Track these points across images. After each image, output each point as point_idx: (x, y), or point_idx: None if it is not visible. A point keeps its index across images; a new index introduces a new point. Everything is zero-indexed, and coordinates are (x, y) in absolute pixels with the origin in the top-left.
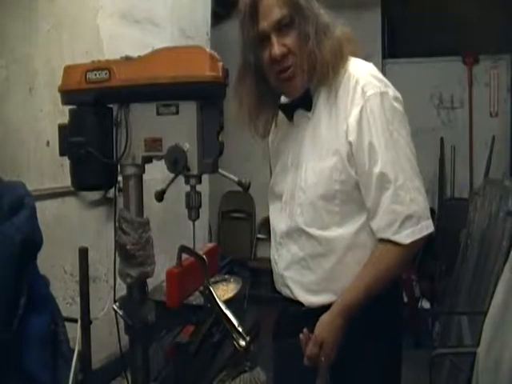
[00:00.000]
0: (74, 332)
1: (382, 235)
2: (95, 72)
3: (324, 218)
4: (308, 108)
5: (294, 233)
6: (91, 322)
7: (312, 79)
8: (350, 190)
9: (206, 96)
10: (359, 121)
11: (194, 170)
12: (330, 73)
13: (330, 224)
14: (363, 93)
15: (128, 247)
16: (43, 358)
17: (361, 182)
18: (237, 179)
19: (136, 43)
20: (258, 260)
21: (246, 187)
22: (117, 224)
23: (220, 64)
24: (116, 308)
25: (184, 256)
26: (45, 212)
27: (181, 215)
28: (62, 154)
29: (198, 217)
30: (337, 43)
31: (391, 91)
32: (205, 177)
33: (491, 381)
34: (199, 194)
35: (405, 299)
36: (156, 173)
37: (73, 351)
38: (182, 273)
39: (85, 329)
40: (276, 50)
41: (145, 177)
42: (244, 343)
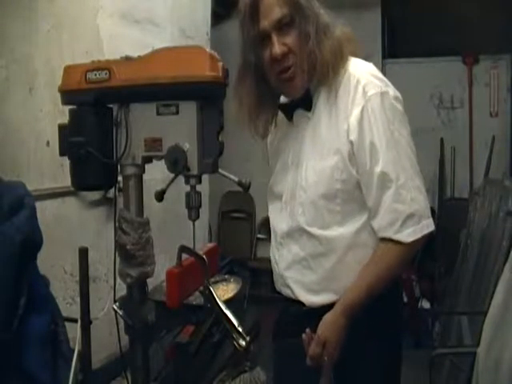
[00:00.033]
0: (74, 332)
1: (384, 234)
2: (95, 72)
3: (325, 218)
4: (308, 108)
5: (295, 232)
6: (91, 322)
7: (312, 79)
8: (351, 190)
9: (206, 96)
10: (360, 120)
11: (194, 170)
12: (330, 73)
13: (331, 223)
14: (364, 92)
15: (128, 247)
16: (43, 358)
17: (362, 182)
18: (237, 179)
19: (136, 43)
20: (258, 260)
21: (246, 187)
22: (117, 224)
23: (220, 64)
24: (116, 308)
25: (184, 256)
26: (45, 212)
27: (181, 215)
28: (62, 154)
29: (198, 217)
30: (337, 43)
31: (392, 91)
32: (205, 177)
33: (491, 381)
34: (199, 194)
35: (405, 299)
36: (156, 173)
37: (73, 351)
38: (182, 273)
39: (85, 329)
40: (276, 49)
41: (145, 177)
42: (244, 343)
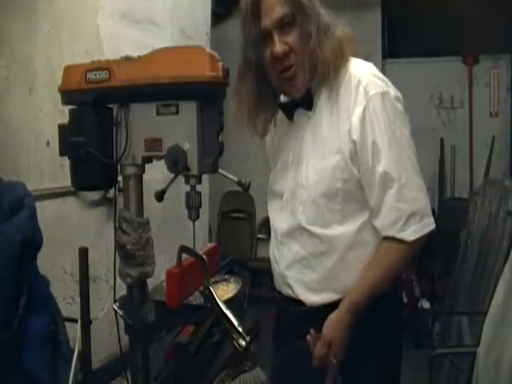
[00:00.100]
0: (74, 332)
1: (387, 233)
2: (95, 72)
3: (326, 216)
4: (308, 107)
5: (296, 231)
6: (91, 322)
7: (313, 78)
8: (352, 189)
9: (206, 96)
10: (362, 120)
11: (194, 170)
12: (331, 73)
13: (332, 222)
14: (366, 92)
15: (128, 247)
16: (43, 358)
17: (363, 181)
18: (237, 179)
19: (136, 43)
20: (258, 260)
21: (246, 187)
22: (117, 224)
23: (220, 64)
24: (116, 308)
25: (184, 256)
26: (45, 212)
27: (181, 215)
28: (62, 154)
29: (198, 217)
30: (338, 43)
31: (393, 91)
32: (205, 177)
33: (491, 381)
34: (199, 194)
35: (405, 299)
36: (156, 173)
37: (73, 351)
38: (182, 273)
39: (85, 329)
40: (278, 48)
41: (145, 177)
42: (244, 343)
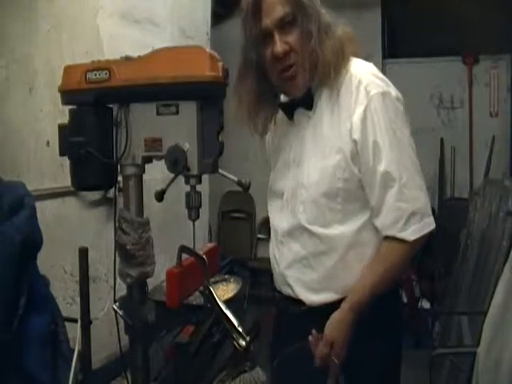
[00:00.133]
0: (74, 332)
1: (388, 232)
2: (95, 72)
3: (326, 216)
4: (309, 107)
5: (296, 231)
6: (91, 322)
7: (313, 78)
8: (353, 188)
9: (206, 96)
10: (363, 120)
11: (194, 170)
12: (332, 73)
13: (332, 222)
14: (367, 92)
15: (128, 247)
16: (43, 358)
17: (364, 180)
18: (237, 179)
19: (136, 43)
20: (258, 260)
21: (246, 187)
22: (117, 224)
23: (220, 64)
24: (116, 308)
25: (184, 256)
26: (45, 212)
27: (181, 215)
28: (62, 154)
29: (198, 217)
30: (338, 43)
31: (393, 91)
32: (205, 177)
33: (491, 381)
34: (199, 194)
35: (405, 299)
36: (156, 173)
37: (73, 351)
38: (182, 273)
39: (85, 329)
40: (278, 48)
41: (145, 177)
42: (244, 343)
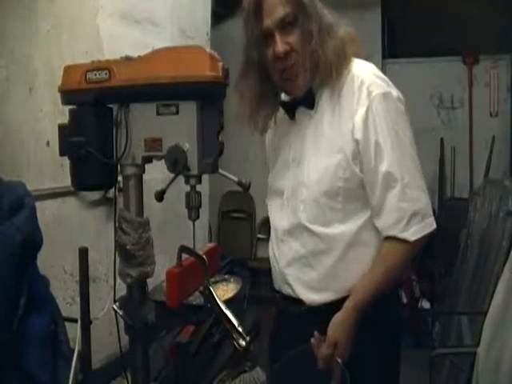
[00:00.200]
0: (74, 332)
1: (389, 233)
2: (95, 72)
3: (327, 215)
4: (310, 106)
5: (296, 230)
6: (91, 322)
7: (315, 78)
8: (354, 188)
9: (206, 96)
10: (365, 120)
11: (194, 170)
12: (333, 73)
13: (333, 221)
14: (369, 93)
15: (128, 247)
16: (43, 358)
17: (366, 180)
18: (237, 179)
19: (136, 43)
20: (258, 260)
21: (246, 187)
22: (117, 224)
23: (220, 64)
24: (116, 308)
25: (184, 256)
26: (45, 212)
27: (181, 215)
28: (62, 154)
29: (198, 217)
30: (340, 43)
31: (394, 91)
32: (205, 177)
33: (491, 381)
34: (199, 194)
35: (405, 299)
36: (156, 173)
37: (73, 351)
38: (182, 273)
39: (85, 329)
40: (279, 48)
41: (145, 177)
42: (244, 343)
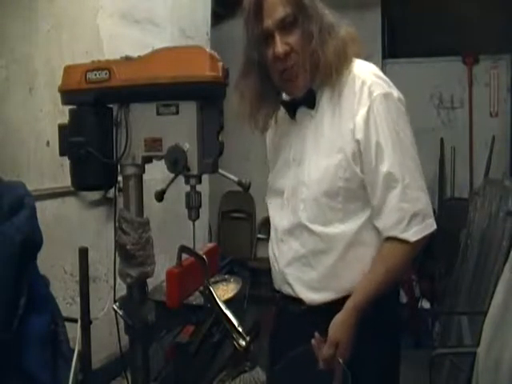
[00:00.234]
0: (74, 332)
1: (390, 233)
2: (95, 72)
3: (327, 215)
4: (311, 106)
5: (296, 229)
6: (91, 322)
7: (315, 79)
8: (354, 188)
9: (206, 96)
10: (367, 120)
11: (194, 170)
12: (334, 74)
13: (333, 220)
14: (370, 93)
15: (128, 247)
16: (43, 358)
17: (366, 180)
18: (237, 179)
19: (136, 43)
20: (258, 260)
21: (246, 187)
22: (117, 224)
23: (220, 64)
24: (116, 308)
25: (184, 256)
26: (45, 212)
27: (181, 215)
28: (62, 154)
29: (198, 217)
30: (341, 44)
31: (395, 92)
32: (205, 177)
33: (491, 381)
34: (199, 194)
35: (405, 299)
36: (156, 173)
37: (73, 351)
38: (182, 273)
39: (85, 329)
40: (279, 49)
41: (145, 177)
42: (244, 343)
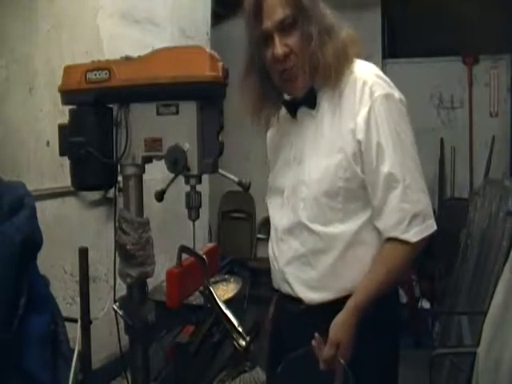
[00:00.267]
0: (74, 332)
1: (391, 234)
2: (95, 72)
3: (327, 215)
4: (312, 106)
5: (296, 228)
6: (91, 322)
7: (315, 80)
8: (354, 188)
9: (206, 96)
10: (367, 121)
11: (194, 170)
12: (333, 75)
13: (333, 220)
14: (371, 93)
15: (128, 247)
16: (43, 358)
17: (367, 181)
18: (237, 179)
19: (136, 43)
20: (258, 260)
21: (246, 187)
22: (117, 224)
23: (220, 64)
24: (116, 308)
25: (184, 256)
26: (45, 212)
27: (181, 215)
28: (62, 154)
29: (198, 217)
30: (341, 45)
31: (396, 93)
32: (205, 177)
33: (491, 381)
34: (199, 194)
35: (405, 299)
36: (156, 173)
37: (73, 351)
38: (182, 273)
39: (85, 329)
40: (278, 50)
41: (145, 177)
42: (244, 343)
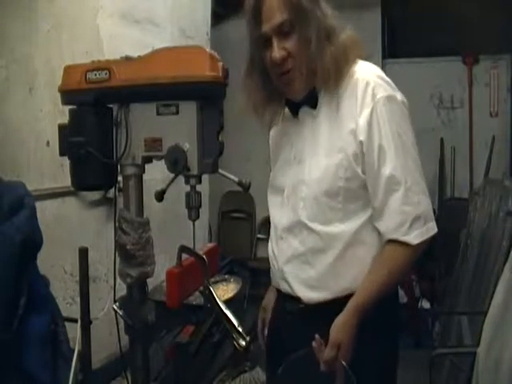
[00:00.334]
0: (74, 332)
1: (392, 236)
2: (95, 72)
3: (326, 214)
4: (313, 106)
5: (296, 227)
6: (91, 322)
7: (313, 83)
8: (355, 188)
9: (206, 96)
10: (370, 122)
11: (194, 170)
12: (332, 79)
13: (333, 220)
14: (373, 94)
15: (128, 247)
16: (43, 358)
17: (368, 182)
18: (237, 179)
19: (136, 43)
20: (258, 260)
21: (246, 187)
22: (117, 224)
23: (220, 64)
24: (116, 308)
25: (184, 256)
26: (45, 212)
27: (181, 215)
28: (62, 154)
29: (198, 217)
30: (341, 48)
31: (399, 95)
32: (205, 177)
33: (491, 381)
34: (199, 194)
35: (405, 299)
36: (156, 173)
37: (73, 351)
38: (182, 273)
39: (85, 329)
40: (276, 54)
41: (145, 177)
42: (244, 343)
